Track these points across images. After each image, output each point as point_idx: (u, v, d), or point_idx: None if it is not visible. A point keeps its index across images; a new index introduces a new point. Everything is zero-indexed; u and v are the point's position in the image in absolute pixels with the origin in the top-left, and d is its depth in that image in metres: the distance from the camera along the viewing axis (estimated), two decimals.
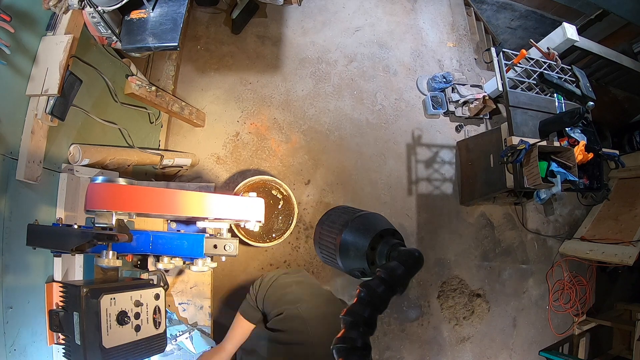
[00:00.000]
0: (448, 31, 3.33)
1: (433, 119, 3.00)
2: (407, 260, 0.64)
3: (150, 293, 1.07)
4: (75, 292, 0.93)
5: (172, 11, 1.36)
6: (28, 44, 1.13)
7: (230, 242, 1.15)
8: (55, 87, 1.12)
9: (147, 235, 1.16)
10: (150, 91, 1.83)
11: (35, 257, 1.11)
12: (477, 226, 2.94)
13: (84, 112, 1.38)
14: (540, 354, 2.98)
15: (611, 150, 2.61)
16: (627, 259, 2.66)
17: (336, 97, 2.76)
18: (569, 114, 2.22)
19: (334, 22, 2.95)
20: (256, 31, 2.68)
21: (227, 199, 1.11)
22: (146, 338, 1.02)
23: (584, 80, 2.59)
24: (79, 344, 0.91)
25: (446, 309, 2.74)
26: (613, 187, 3.28)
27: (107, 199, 0.89)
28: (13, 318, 1.02)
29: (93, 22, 1.29)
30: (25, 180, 1.06)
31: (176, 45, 1.34)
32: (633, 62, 3.11)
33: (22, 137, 1.10)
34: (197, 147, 2.35)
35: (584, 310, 3.14)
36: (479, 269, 2.89)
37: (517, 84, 2.46)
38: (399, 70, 3.02)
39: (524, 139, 2.25)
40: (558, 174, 2.26)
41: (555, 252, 3.18)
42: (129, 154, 1.66)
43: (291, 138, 2.56)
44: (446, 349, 2.70)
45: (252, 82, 2.57)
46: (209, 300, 1.51)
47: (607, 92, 3.38)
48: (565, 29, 2.57)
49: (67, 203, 1.23)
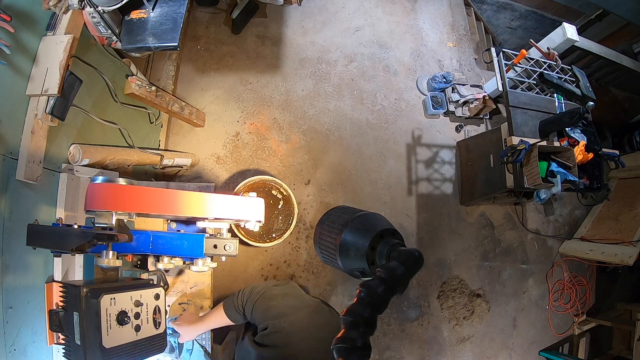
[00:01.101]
0: (448, 31, 3.33)
1: (433, 119, 3.00)
2: (407, 260, 0.63)
3: (150, 293, 1.07)
4: (75, 292, 0.93)
5: (172, 11, 1.36)
6: (28, 44, 1.13)
7: (230, 242, 1.15)
8: (55, 87, 1.12)
9: (147, 235, 1.16)
10: (150, 91, 1.83)
11: (35, 257, 1.11)
12: (477, 226, 2.94)
13: (84, 112, 1.38)
14: (540, 354, 2.98)
15: (611, 150, 2.61)
16: (627, 259, 2.66)
17: (336, 97, 2.76)
18: (569, 114, 2.22)
19: (334, 22, 2.95)
20: (256, 31, 2.68)
21: (227, 199, 1.11)
22: (146, 338, 1.02)
23: (584, 80, 2.59)
24: (79, 344, 0.91)
25: (446, 309, 2.74)
26: (613, 187, 3.28)
27: (107, 199, 0.89)
28: (13, 318, 1.02)
29: (93, 22, 1.29)
30: (25, 180, 1.06)
31: (176, 45, 1.34)
32: (633, 62, 3.11)
33: (22, 137, 1.10)
34: (197, 147, 2.35)
35: (584, 310, 3.14)
36: (479, 269, 2.89)
37: (517, 84, 2.46)
38: (399, 70, 3.02)
39: (524, 139, 2.25)
40: (558, 174, 2.26)
41: (555, 252, 3.18)
42: (129, 154, 1.66)
43: (291, 138, 2.56)
44: (446, 349, 2.70)
45: (252, 82, 2.57)
46: (209, 300, 1.51)
47: (607, 92, 3.38)
48: (565, 29, 2.57)
49: (67, 203, 1.23)
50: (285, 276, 2.35)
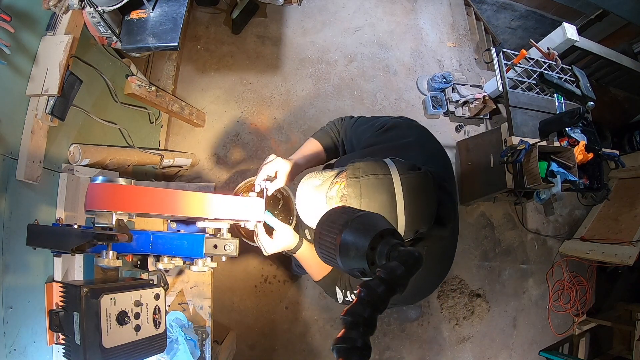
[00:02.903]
0: (448, 31, 3.33)
1: (433, 119, 3.00)
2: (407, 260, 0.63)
3: (150, 293, 1.07)
4: (75, 292, 0.93)
5: (172, 11, 1.36)
6: (28, 44, 1.13)
7: (230, 242, 1.15)
8: (55, 87, 1.12)
9: (147, 235, 1.15)
10: (150, 91, 1.83)
11: (35, 257, 1.11)
12: (477, 226, 2.94)
13: (84, 112, 1.38)
14: (540, 354, 2.98)
15: (611, 150, 2.61)
16: (627, 259, 2.66)
17: (336, 97, 2.76)
18: (569, 114, 2.22)
19: (334, 22, 2.95)
20: (256, 31, 2.68)
21: (227, 199, 1.11)
22: (146, 338, 1.02)
23: (584, 80, 2.59)
24: (79, 344, 0.91)
25: (446, 309, 2.74)
26: (613, 187, 3.28)
27: (107, 199, 0.88)
28: (13, 318, 1.02)
29: (93, 22, 1.29)
30: (25, 180, 1.06)
31: (176, 45, 1.34)
32: (633, 62, 3.11)
33: (22, 137, 1.10)
34: (197, 147, 2.35)
35: (584, 310, 3.14)
36: (479, 269, 2.89)
37: (517, 84, 2.46)
38: (399, 70, 3.02)
39: (524, 139, 2.25)
40: (558, 174, 2.26)
41: (555, 252, 3.18)
42: (129, 154, 1.66)
43: (291, 138, 2.55)
44: (446, 349, 2.70)
45: (252, 82, 2.56)
46: (209, 300, 1.51)
47: (607, 92, 3.38)
48: (565, 29, 2.57)
49: (67, 203, 1.23)
50: (285, 276, 2.35)
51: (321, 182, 0.82)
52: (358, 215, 0.68)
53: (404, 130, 1.05)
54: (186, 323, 1.37)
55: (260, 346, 2.26)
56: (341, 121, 1.25)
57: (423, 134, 1.05)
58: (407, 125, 1.07)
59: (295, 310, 2.36)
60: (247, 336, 2.24)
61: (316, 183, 0.82)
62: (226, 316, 2.23)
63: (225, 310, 2.23)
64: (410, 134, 1.03)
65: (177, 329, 1.29)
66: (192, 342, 1.31)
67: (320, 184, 0.81)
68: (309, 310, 2.36)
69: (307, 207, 0.82)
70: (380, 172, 0.74)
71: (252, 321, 2.27)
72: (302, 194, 0.83)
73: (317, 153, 1.23)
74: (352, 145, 1.18)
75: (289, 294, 2.35)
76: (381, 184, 0.74)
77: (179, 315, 1.38)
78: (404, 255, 0.61)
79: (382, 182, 0.74)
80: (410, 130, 1.05)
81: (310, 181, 0.84)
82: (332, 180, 0.80)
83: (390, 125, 1.07)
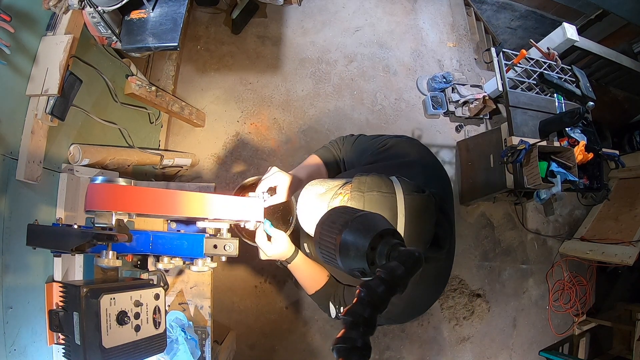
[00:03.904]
0: (448, 31, 3.33)
1: (433, 119, 3.00)
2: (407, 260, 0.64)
3: (150, 293, 1.07)
4: (75, 292, 0.93)
5: (172, 11, 1.36)
6: (28, 44, 1.13)
7: (230, 242, 1.15)
8: (55, 87, 1.12)
9: (147, 235, 1.15)
10: (150, 91, 1.83)
11: (35, 257, 1.11)
12: (477, 226, 2.94)
13: (84, 112, 1.38)
14: (540, 354, 2.98)
15: (611, 150, 2.61)
16: (627, 259, 2.66)
17: (336, 97, 2.76)
18: (569, 114, 2.22)
19: (334, 22, 2.95)
20: (256, 31, 2.68)
21: (227, 199, 1.11)
22: (146, 338, 1.02)
23: (584, 80, 2.59)
24: (79, 344, 0.91)
25: (446, 309, 2.74)
26: (613, 187, 3.28)
27: (107, 199, 0.88)
28: (13, 318, 1.02)
29: (93, 22, 1.29)
30: (25, 180, 1.06)
31: (176, 45, 1.34)
32: (633, 62, 3.11)
33: (22, 137, 1.10)
34: (197, 147, 2.35)
35: (584, 310, 3.14)
36: (479, 269, 2.89)
37: (517, 84, 2.46)
38: (399, 70, 3.02)
39: (524, 139, 2.25)
40: (558, 174, 2.26)
41: (555, 252, 3.18)
42: (129, 154, 1.66)
43: (291, 138, 2.55)
44: (446, 349, 2.70)
45: (252, 82, 2.56)
46: (209, 300, 1.51)
47: (607, 92, 3.38)
48: (565, 29, 2.57)
49: (67, 203, 1.23)
50: (285, 276, 2.35)
51: (325, 191, 0.82)
52: (358, 215, 0.68)
53: (405, 148, 1.05)
54: (186, 323, 1.37)
55: (260, 346, 2.26)
56: (343, 140, 1.26)
57: (424, 152, 1.06)
58: (408, 143, 1.08)
59: (295, 310, 2.36)
60: (247, 336, 2.24)
61: (320, 191, 0.82)
62: (226, 316, 2.23)
63: (225, 310, 2.23)
64: (411, 152, 1.04)
65: (177, 329, 1.29)
66: (192, 341, 1.31)
67: (324, 192, 0.81)
68: (308, 310, 2.36)
69: (308, 213, 0.82)
70: (385, 190, 0.75)
71: (252, 321, 2.27)
72: (304, 201, 0.83)
73: (318, 168, 1.24)
74: (353, 163, 1.19)
75: (289, 294, 2.35)
76: (385, 202, 0.74)
77: (179, 315, 1.38)
78: (404, 255, 0.61)
79: (386, 199, 0.74)
80: (412, 148, 1.05)
81: (314, 188, 0.84)
82: (336, 190, 0.80)
83: (392, 144, 1.07)
